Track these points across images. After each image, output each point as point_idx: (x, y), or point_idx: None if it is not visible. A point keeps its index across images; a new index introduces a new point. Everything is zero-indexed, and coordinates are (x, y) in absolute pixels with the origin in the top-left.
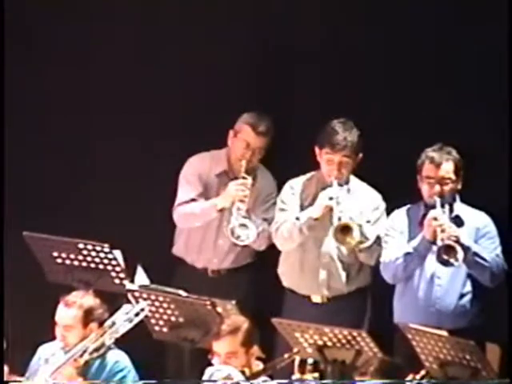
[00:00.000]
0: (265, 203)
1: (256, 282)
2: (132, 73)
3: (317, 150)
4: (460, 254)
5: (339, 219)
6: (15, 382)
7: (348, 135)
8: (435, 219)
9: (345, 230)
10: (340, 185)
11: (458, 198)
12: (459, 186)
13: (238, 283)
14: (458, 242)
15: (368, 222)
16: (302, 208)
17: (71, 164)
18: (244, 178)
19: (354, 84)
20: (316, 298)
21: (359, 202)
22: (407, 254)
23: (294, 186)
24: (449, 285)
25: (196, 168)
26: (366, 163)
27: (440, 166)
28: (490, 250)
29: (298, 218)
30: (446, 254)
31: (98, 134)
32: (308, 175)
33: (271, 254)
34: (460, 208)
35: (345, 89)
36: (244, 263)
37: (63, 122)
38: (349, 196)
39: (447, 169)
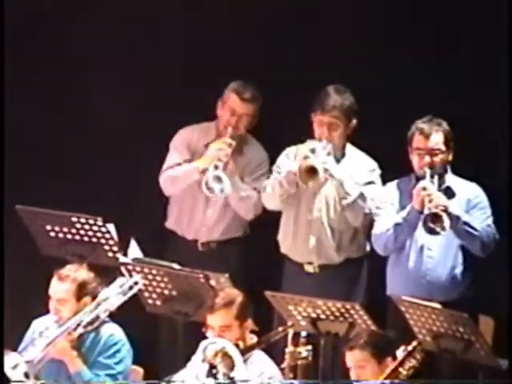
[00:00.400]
0: (254, 173)
1: (248, 254)
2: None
3: (312, 116)
4: (446, 223)
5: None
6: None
7: (339, 98)
8: (424, 189)
9: (310, 171)
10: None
11: (449, 169)
12: (450, 157)
13: (229, 256)
14: (446, 211)
15: (358, 183)
16: None
17: (65, 137)
18: (229, 143)
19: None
20: (308, 267)
21: (353, 165)
22: (397, 224)
23: (289, 151)
24: (440, 256)
25: (185, 137)
26: (361, 135)
27: (429, 136)
28: (481, 220)
29: (279, 172)
30: (432, 222)
31: (91, 105)
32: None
33: (263, 226)
34: (451, 179)
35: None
36: (234, 236)
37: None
38: (344, 160)
39: (436, 140)
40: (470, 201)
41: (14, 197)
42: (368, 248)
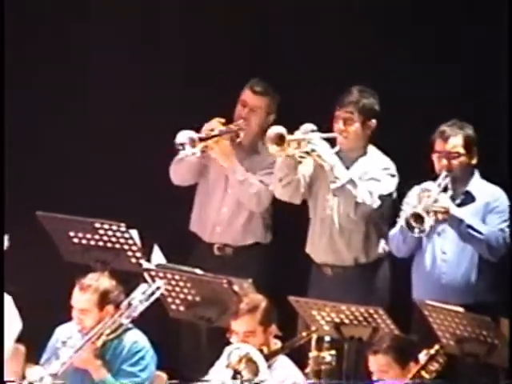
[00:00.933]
0: (265, 169)
1: (271, 260)
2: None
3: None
4: (427, 224)
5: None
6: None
7: (357, 95)
8: (424, 190)
9: (280, 138)
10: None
11: (476, 172)
12: (473, 161)
13: (251, 262)
14: (447, 213)
15: (371, 179)
16: None
17: (88, 146)
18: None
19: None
20: (327, 270)
21: (370, 163)
22: (402, 226)
23: None
24: (454, 259)
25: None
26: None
27: (447, 139)
28: (495, 224)
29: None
30: (414, 221)
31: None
32: None
33: (285, 231)
34: (475, 183)
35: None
36: (253, 240)
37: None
38: (363, 159)
39: (455, 143)
40: (488, 204)
41: (37, 203)
42: (385, 250)
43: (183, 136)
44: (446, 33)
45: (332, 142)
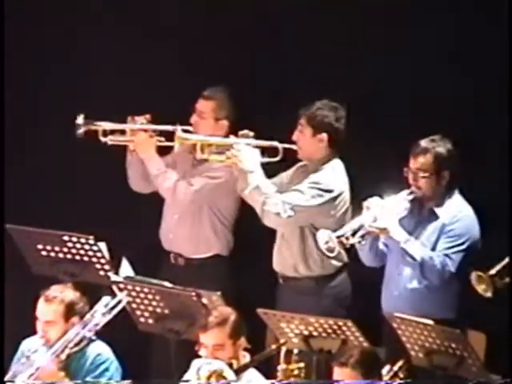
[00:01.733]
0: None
1: (238, 273)
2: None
3: None
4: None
5: None
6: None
7: (315, 108)
8: (367, 208)
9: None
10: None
11: (455, 191)
12: (444, 181)
13: (218, 275)
14: (385, 231)
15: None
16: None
17: (54, 158)
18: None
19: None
20: (281, 280)
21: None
22: (362, 236)
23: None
24: (407, 271)
25: None
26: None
27: (417, 157)
28: (441, 248)
29: None
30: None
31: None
32: None
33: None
34: (446, 202)
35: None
36: (204, 253)
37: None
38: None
39: (422, 161)
40: (443, 226)
41: (6, 216)
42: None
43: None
44: (445, 34)
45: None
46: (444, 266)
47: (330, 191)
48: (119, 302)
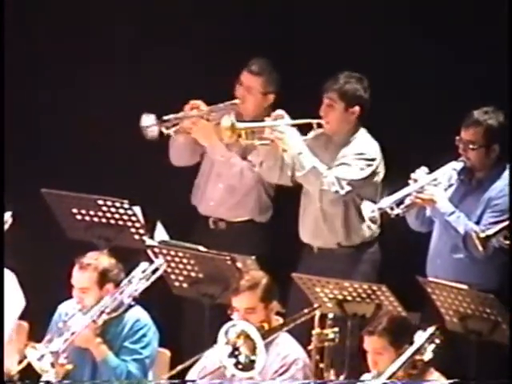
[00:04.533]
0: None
1: (275, 238)
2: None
3: None
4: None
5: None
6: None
7: (342, 81)
8: (415, 180)
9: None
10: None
11: (506, 165)
12: (494, 153)
13: (254, 239)
14: (430, 202)
15: (341, 164)
16: None
17: (87, 122)
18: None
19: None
20: (314, 250)
21: (349, 149)
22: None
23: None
24: (451, 241)
25: None
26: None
27: (468, 128)
28: (486, 222)
29: None
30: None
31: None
32: None
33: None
34: (494, 175)
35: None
36: (246, 218)
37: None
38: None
39: (474, 132)
40: (490, 200)
41: (39, 181)
42: (372, 233)
43: (147, 120)
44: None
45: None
46: (475, 244)
47: (374, 159)
48: (157, 268)
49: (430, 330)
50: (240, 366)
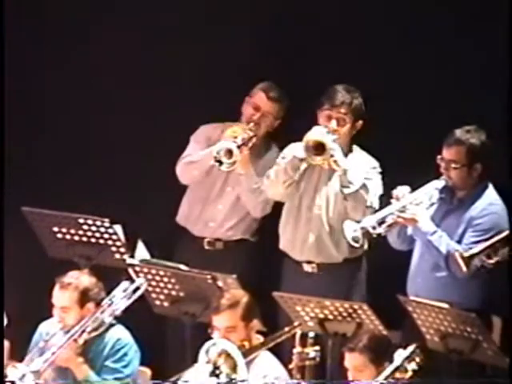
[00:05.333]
0: (266, 170)
1: (256, 257)
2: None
3: (318, 113)
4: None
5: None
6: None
7: (347, 96)
8: (397, 199)
9: (318, 147)
10: (345, 154)
11: (488, 183)
12: (475, 172)
13: (236, 258)
14: (413, 222)
15: (365, 179)
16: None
17: (69, 140)
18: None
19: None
20: (307, 267)
21: (356, 162)
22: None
23: (295, 146)
24: (432, 260)
25: (206, 132)
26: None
27: (450, 147)
28: (468, 242)
29: (283, 158)
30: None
31: (97, 108)
32: None
33: (270, 228)
34: (477, 193)
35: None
36: (242, 237)
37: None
38: (348, 157)
39: (456, 152)
40: (472, 219)
41: (17, 198)
42: (365, 246)
43: (222, 147)
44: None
45: None
46: (458, 265)
47: (381, 173)
48: (138, 287)
49: (410, 348)
50: None
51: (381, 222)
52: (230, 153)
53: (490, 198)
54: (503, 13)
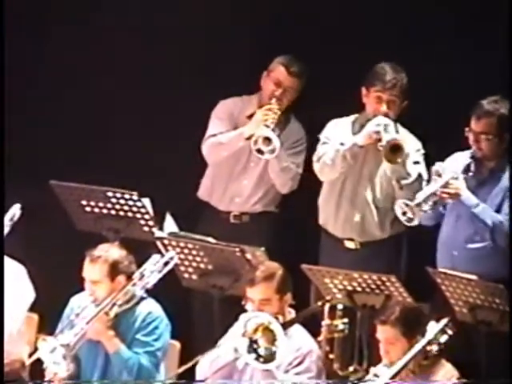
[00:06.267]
0: (292, 148)
1: (283, 228)
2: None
3: (364, 90)
4: (412, 217)
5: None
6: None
7: (397, 76)
8: (439, 175)
9: (395, 148)
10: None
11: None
12: (505, 142)
13: (263, 230)
14: (456, 196)
15: (415, 163)
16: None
17: (97, 115)
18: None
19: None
20: (349, 244)
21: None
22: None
23: (338, 124)
24: (469, 232)
25: (228, 107)
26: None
27: (480, 119)
28: (506, 213)
29: (342, 144)
30: (409, 211)
31: (122, 82)
32: (352, 117)
33: (296, 201)
34: (504, 164)
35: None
36: (267, 209)
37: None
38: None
39: (487, 123)
40: (507, 190)
41: (48, 173)
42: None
43: (259, 135)
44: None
45: None
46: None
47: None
48: (169, 260)
49: (443, 321)
50: (261, 359)
51: (425, 199)
52: (268, 140)
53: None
54: (503, 13)
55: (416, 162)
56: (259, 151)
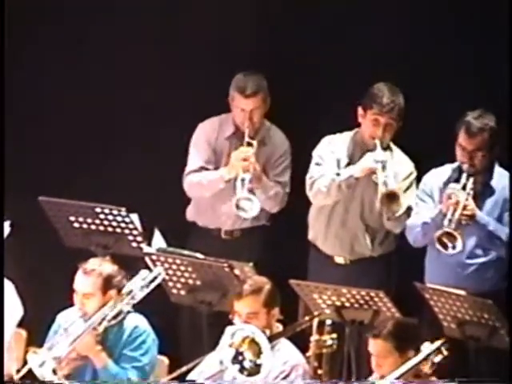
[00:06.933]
0: (277, 167)
1: (272, 243)
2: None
3: (360, 110)
4: (459, 243)
5: (385, 184)
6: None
7: (395, 98)
8: (450, 197)
9: (391, 196)
10: (384, 149)
11: (496, 164)
12: (495, 154)
13: (252, 245)
14: (473, 217)
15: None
16: (339, 165)
17: (85, 130)
18: (249, 143)
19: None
20: (339, 259)
21: (397, 169)
22: (425, 223)
23: (332, 142)
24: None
25: (205, 133)
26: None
27: (473, 137)
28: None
29: (338, 174)
30: (447, 239)
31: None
32: (345, 134)
33: (286, 215)
34: (497, 175)
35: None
36: (257, 224)
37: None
38: (392, 162)
39: (480, 140)
40: (506, 201)
41: (37, 189)
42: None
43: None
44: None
45: None
46: None
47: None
48: (156, 275)
49: (438, 342)
50: (245, 372)
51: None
52: (248, 200)
53: (503, 171)
54: (503, 13)
55: (408, 188)
56: (241, 209)
